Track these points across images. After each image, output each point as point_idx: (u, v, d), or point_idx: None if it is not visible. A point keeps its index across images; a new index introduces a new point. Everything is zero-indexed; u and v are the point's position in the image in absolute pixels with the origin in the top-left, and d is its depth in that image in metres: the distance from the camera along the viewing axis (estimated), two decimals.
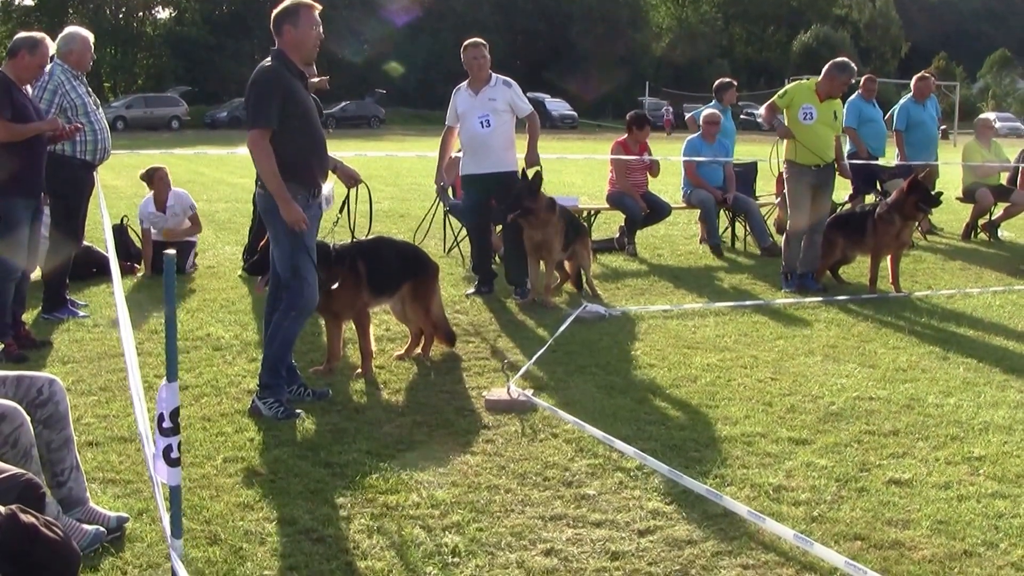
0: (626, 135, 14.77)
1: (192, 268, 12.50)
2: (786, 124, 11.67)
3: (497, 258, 12.10)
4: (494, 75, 11.05)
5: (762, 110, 12.43)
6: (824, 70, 11.74)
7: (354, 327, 8.14)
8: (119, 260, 11.22)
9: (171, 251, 3.65)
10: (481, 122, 10.87)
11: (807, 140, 11.55)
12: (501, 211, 10.81)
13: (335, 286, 7.65)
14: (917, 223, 16.25)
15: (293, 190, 6.86)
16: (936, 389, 7.80)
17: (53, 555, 3.48)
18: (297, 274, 7.01)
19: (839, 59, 11.98)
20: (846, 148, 14.43)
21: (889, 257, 11.93)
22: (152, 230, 12.44)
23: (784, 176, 12.14)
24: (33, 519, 3.50)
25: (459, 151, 11.44)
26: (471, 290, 11.30)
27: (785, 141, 11.72)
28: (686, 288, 11.95)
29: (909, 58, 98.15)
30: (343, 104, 69.45)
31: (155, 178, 12.65)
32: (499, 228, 11.50)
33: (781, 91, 12.09)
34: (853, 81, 12.26)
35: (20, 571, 3.40)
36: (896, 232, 11.66)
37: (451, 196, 12.40)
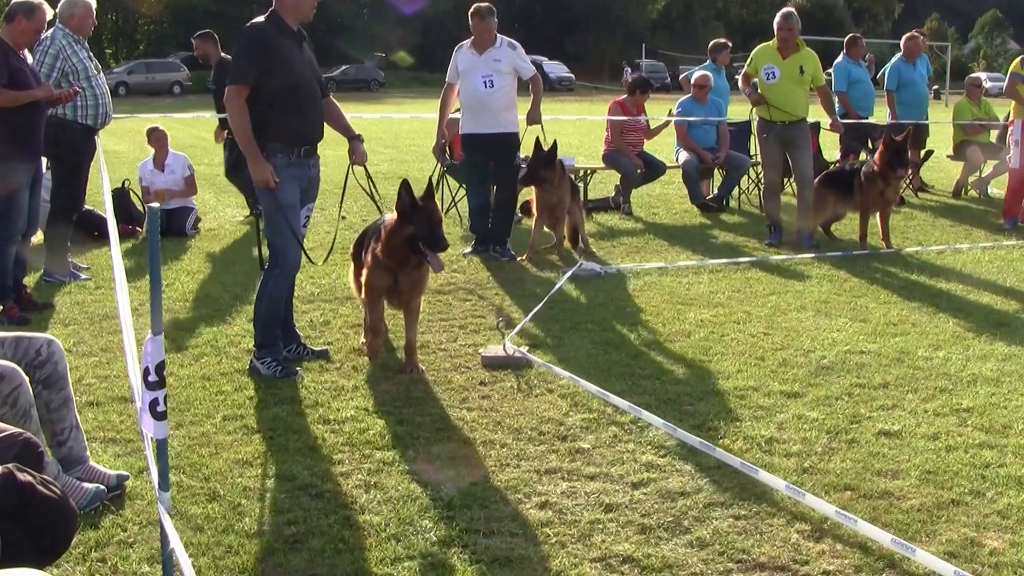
0: (626, 96, 14.85)
1: (193, 231, 12.59)
2: (758, 89, 11.96)
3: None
4: (499, 36, 11.08)
5: (740, 81, 12.70)
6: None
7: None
8: (121, 223, 11.36)
9: (155, 204, 3.68)
10: (485, 82, 10.89)
11: (772, 98, 11.78)
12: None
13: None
14: (908, 181, 16.34)
15: (274, 149, 6.90)
16: (926, 343, 7.87)
17: (50, 513, 3.51)
18: (279, 233, 7.05)
19: (783, 9, 12.09)
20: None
21: (878, 215, 11.99)
22: (150, 189, 12.62)
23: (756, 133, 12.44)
24: (30, 477, 3.53)
25: (458, 110, 11.48)
26: (468, 249, 11.36)
27: None
28: (680, 246, 12.02)
29: (902, 19, 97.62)
30: (343, 68, 69.14)
31: (153, 137, 12.86)
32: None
33: (748, 58, 12.24)
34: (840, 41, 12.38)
35: (17, 529, 3.44)
36: (880, 190, 11.71)
37: (448, 156, 12.44)
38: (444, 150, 11.91)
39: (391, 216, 7.05)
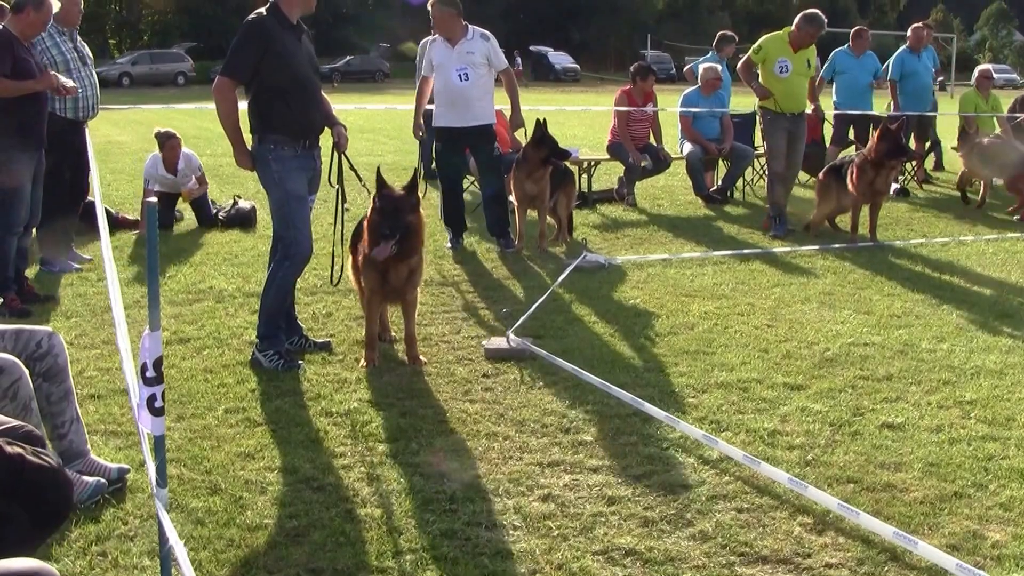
0: (631, 85, 14.77)
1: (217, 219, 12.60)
2: (761, 79, 11.99)
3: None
4: (471, 27, 10.98)
5: (739, 67, 12.64)
6: (795, 21, 11.91)
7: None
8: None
9: (153, 199, 3.67)
10: (459, 75, 10.81)
11: (783, 92, 11.81)
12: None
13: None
14: (912, 173, 16.32)
15: (280, 142, 6.93)
16: (929, 335, 7.86)
17: (43, 482, 3.44)
18: (290, 224, 7.06)
19: (809, 11, 12.09)
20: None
21: (868, 206, 11.91)
22: (156, 187, 12.60)
23: (760, 123, 12.51)
24: (20, 449, 3.50)
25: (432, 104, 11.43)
26: (448, 244, 11.35)
27: None
28: (685, 237, 12.01)
29: (908, 10, 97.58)
30: (347, 59, 69.17)
31: (167, 145, 12.70)
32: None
33: (755, 46, 12.15)
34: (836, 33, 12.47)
35: (12, 502, 3.40)
36: (870, 181, 11.61)
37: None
38: (431, 144, 11.84)
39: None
